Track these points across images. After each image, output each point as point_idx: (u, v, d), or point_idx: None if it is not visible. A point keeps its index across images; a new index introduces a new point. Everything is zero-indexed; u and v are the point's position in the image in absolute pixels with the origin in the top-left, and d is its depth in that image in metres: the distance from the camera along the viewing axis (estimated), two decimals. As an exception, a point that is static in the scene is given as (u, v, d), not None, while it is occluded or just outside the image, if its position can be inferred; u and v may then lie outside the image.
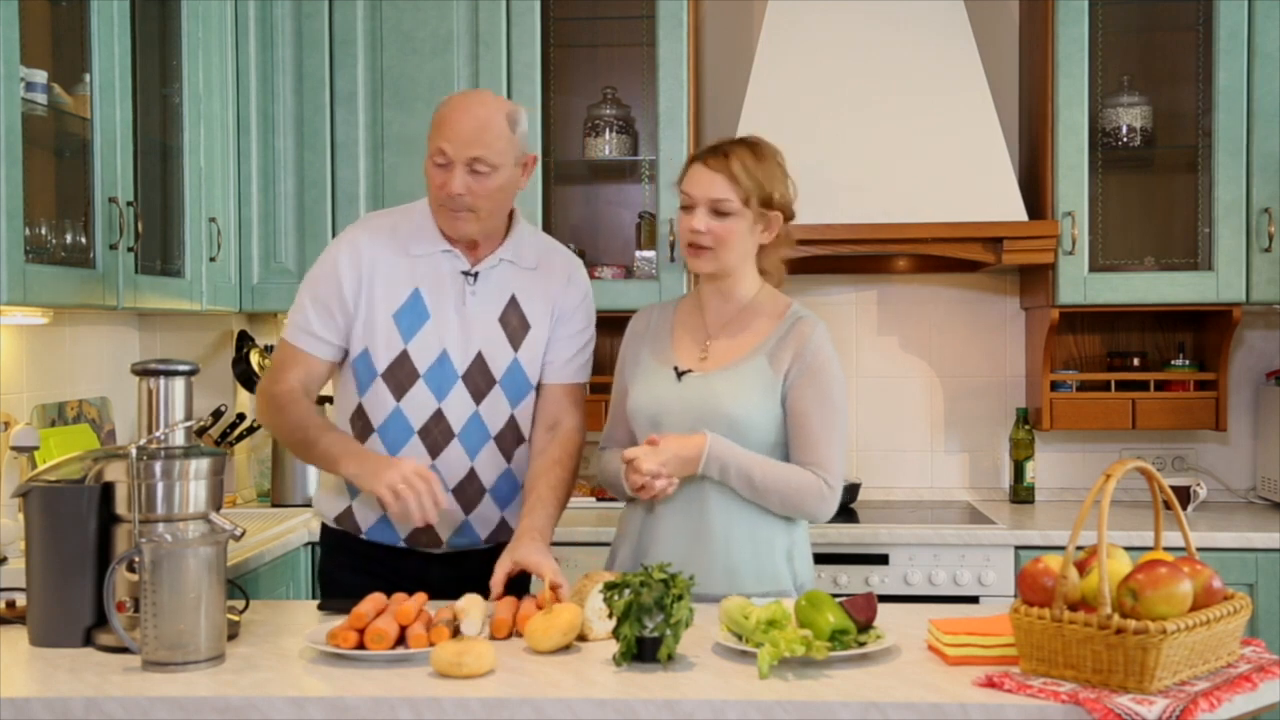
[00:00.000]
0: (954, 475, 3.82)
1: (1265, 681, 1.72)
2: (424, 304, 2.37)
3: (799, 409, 2.30)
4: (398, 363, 2.36)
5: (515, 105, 2.38)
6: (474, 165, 2.27)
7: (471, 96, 2.36)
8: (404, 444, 2.37)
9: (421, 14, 3.49)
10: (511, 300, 2.41)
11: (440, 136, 2.30)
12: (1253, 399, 3.73)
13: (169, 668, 1.82)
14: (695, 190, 2.32)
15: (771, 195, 2.32)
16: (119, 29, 2.70)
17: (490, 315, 2.39)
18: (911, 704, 1.65)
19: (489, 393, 2.39)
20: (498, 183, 2.31)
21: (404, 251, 2.38)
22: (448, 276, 2.39)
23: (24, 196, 2.35)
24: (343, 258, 2.37)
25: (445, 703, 1.69)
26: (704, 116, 3.77)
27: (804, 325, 2.35)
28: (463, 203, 2.29)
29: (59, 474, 2.02)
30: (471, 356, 2.37)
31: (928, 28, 3.49)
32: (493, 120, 2.29)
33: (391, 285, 2.37)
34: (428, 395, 2.37)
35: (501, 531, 2.46)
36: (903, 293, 3.83)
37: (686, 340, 2.42)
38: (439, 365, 2.36)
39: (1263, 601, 3.09)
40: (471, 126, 2.28)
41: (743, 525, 2.30)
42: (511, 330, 2.40)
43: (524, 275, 2.43)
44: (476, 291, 2.39)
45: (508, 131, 2.31)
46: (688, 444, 2.25)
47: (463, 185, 2.28)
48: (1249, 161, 3.36)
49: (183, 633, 1.82)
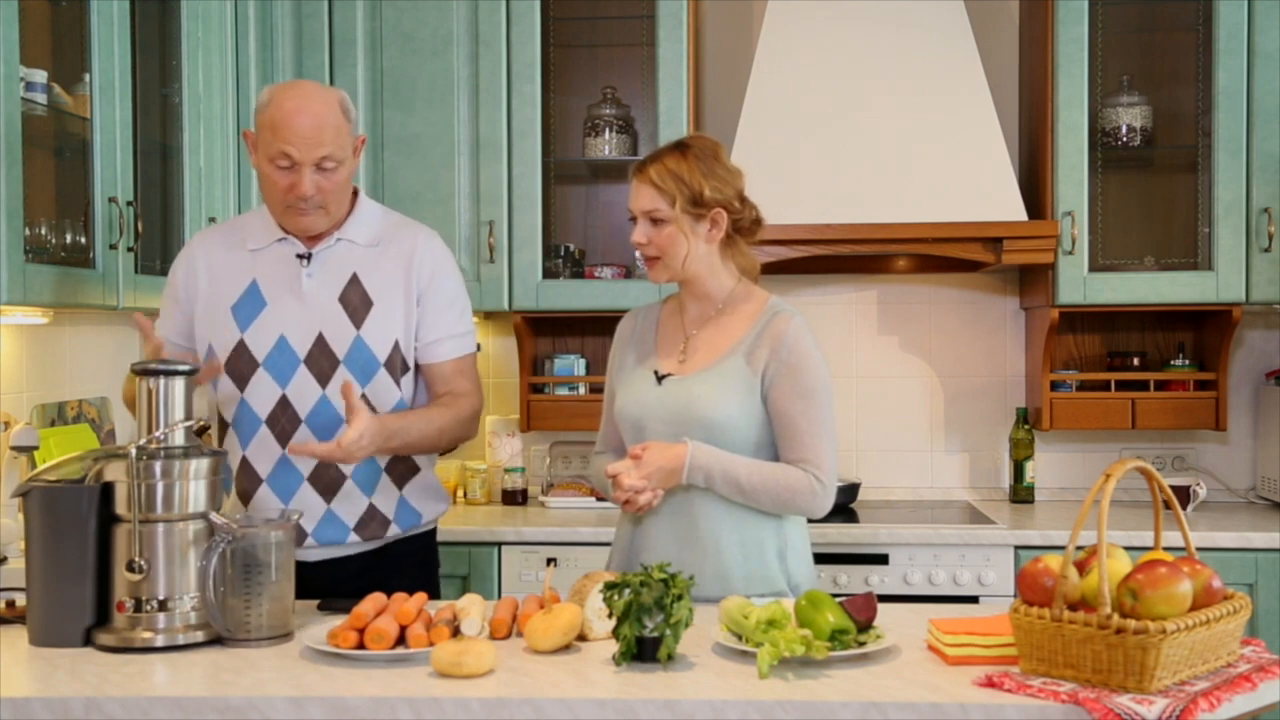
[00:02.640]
0: (954, 475, 3.82)
1: (1265, 681, 1.72)
2: (260, 293, 2.37)
3: (782, 407, 2.29)
4: (236, 353, 2.35)
5: (340, 91, 2.37)
6: (321, 164, 2.27)
7: (301, 93, 2.29)
8: (253, 436, 2.37)
9: (421, 14, 3.49)
10: (353, 278, 2.37)
11: (280, 140, 2.25)
12: (1253, 399, 3.73)
13: (274, 641, 1.98)
14: (632, 204, 2.37)
15: (701, 193, 2.30)
16: (119, 29, 2.69)
17: (329, 295, 2.36)
18: (911, 704, 1.65)
19: (334, 374, 2.34)
20: (344, 175, 2.32)
21: (240, 247, 2.40)
22: (283, 263, 2.38)
23: (24, 196, 2.35)
24: (177, 263, 2.46)
25: (445, 703, 1.69)
26: (704, 116, 3.77)
27: (779, 320, 2.33)
28: (314, 201, 2.29)
29: (59, 474, 2.02)
30: (312, 339, 2.34)
31: (928, 28, 3.49)
32: (330, 115, 2.28)
33: (229, 280, 2.38)
34: (270, 383, 2.35)
35: (373, 522, 2.40)
36: (903, 293, 3.83)
37: (667, 343, 2.42)
38: (278, 351, 2.34)
39: (1263, 601, 3.10)
40: (312, 126, 2.25)
41: (731, 528, 2.30)
42: (352, 309, 2.35)
43: (364, 252, 2.39)
44: (313, 273, 2.36)
45: (345, 122, 2.31)
46: (670, 454, 2.25)
47: (313, 185, 2.27)
48: (1249, 161, 3.36)
49: (286, 609, 2.01)
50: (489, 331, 3.85)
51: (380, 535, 2.41)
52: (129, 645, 1.93)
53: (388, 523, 2.42)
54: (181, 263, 2.45)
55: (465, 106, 3.50)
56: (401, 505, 2.45)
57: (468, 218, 3.50)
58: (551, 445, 3.81)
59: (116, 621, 1.96)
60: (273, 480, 2.37)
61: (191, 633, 1.96)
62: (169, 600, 1.96)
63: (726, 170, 2.35)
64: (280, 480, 2.37)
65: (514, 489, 3.68)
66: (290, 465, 2.36)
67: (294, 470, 2.36)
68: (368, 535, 2.40)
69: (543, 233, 3.52)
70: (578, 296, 3.54)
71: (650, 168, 2.33)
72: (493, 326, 3.84)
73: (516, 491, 3.68)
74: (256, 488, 2.38)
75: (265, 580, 1.97)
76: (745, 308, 2.38)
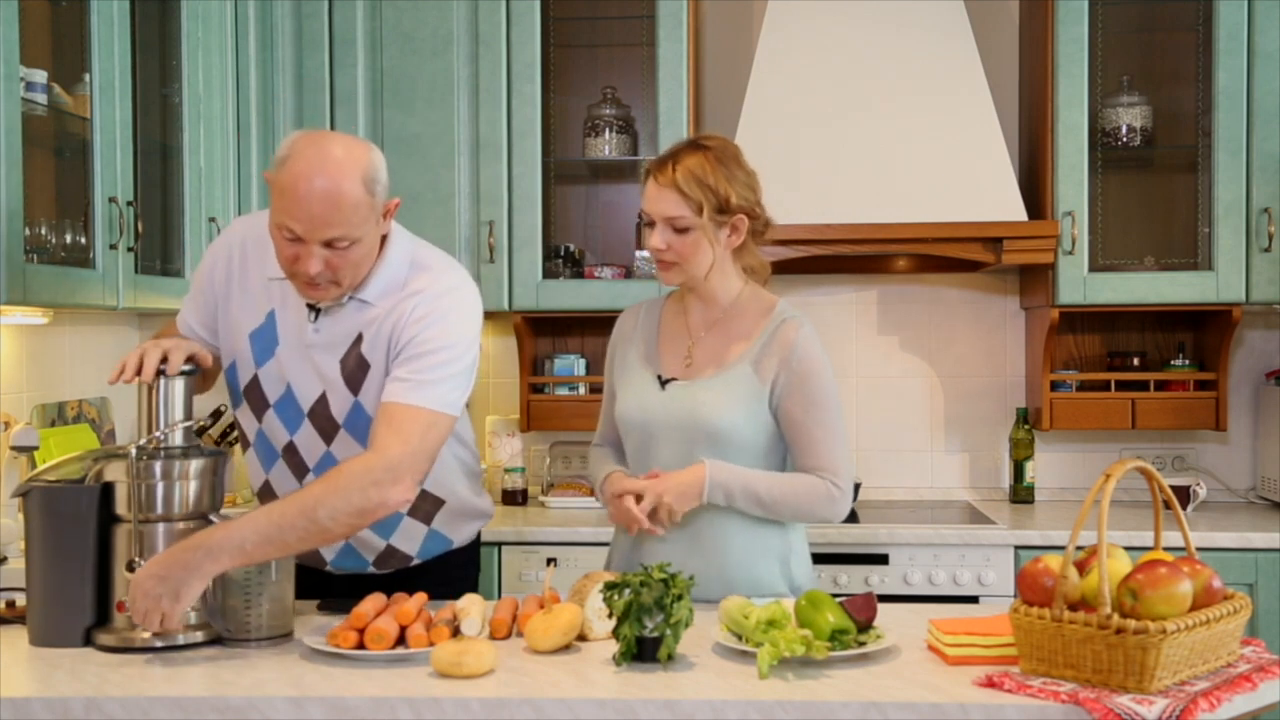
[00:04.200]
0: (954, 475, 3.82)
1: (1265, 681, 1.72)
2: (275, 331, 2.17)
3: (794, 417, 2.27)
4: (252, 385, 2.22)
5: (367, 154, 2.03)
6: (333, 244, 1.99)
7: (316, 162, 1.96)
8: (273, 465, 2.26)
9: (421, 14, 3.49)
10: (356, 340, 2.14)
11: (286, 214, 1.97)
12: (1253, 399, 3.73)
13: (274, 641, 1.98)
14: (651, 208, 2.26)
15: (727, 200, 2.23)
16: (119, 29, 2.69)
17: (332, 358, 2.15)
18: (911, 704, 1.65)
19: (336, 435, 2.19)
20: (361, 252, 2.04)
21: (269, 261, 2.15)
22: (298, 306, 2.16)
23: (24, 196, 2.35)
24: (216, 249, 2.24)
25: (445, 703, 1.69)
26: (704, 116, 3.77)
27: (788, 328, 2.29)
28: (323, 277, 2.03)
29: (59, 474, 2.02)
30: (315, 397, 2.17)
31: (928, 28, 3.49)
32: (346, 192, 1.96)
33: (251, 301, 2.19)
34: (279, 426, 2.22)
35: (393, 559, 2.32)
36: (903, 293, 3.83)
37: (671, 345, 2.37)
38: (286, 399, 2.19)
39: (1263, 601, 3.09)
40: (322, 207, 1.95)
41: (735, 533, 2.28)
42: (349, 373, 2.14)
43: (375, 311, 2.13)
44: (320, 329, 2.14)
45: (365, 197, 1.99)
46: (687, 477, 2.22)
47: (320, 264, 2.00)
48: (1249, 161, 3.36)
49: (286, 608, 2.00)
50: (489, 332, 3.85)
51: (405, 566, 2.34)
52: (129, 645, 1.94)
53: (409, 557, 2.33)
54: (221, 254, 2.23)
55: (465, 106, 3.50)
56: (430, 537, 2.34)
57: (468, 218, 3.50)
58: (551, 445, 3.81)
59: (116, 621, 1.96)
60: None
61: (191, 633, 1.96)
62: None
63: (747, 174, 2.29)
64: None
65: (514, 489, 3.68)
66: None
67: None
68: (389, 568, 2.34)
69: (543, 233, 3.52)
70: (578, 296, 3.54)
71: (675, 171, 2.22)
72: (493, 327, 3.84)
73: (516, 491, 3.68)
74: None
75: (265, 580, 1.97)
76: (752, 312, 2.34)
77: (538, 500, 3.72)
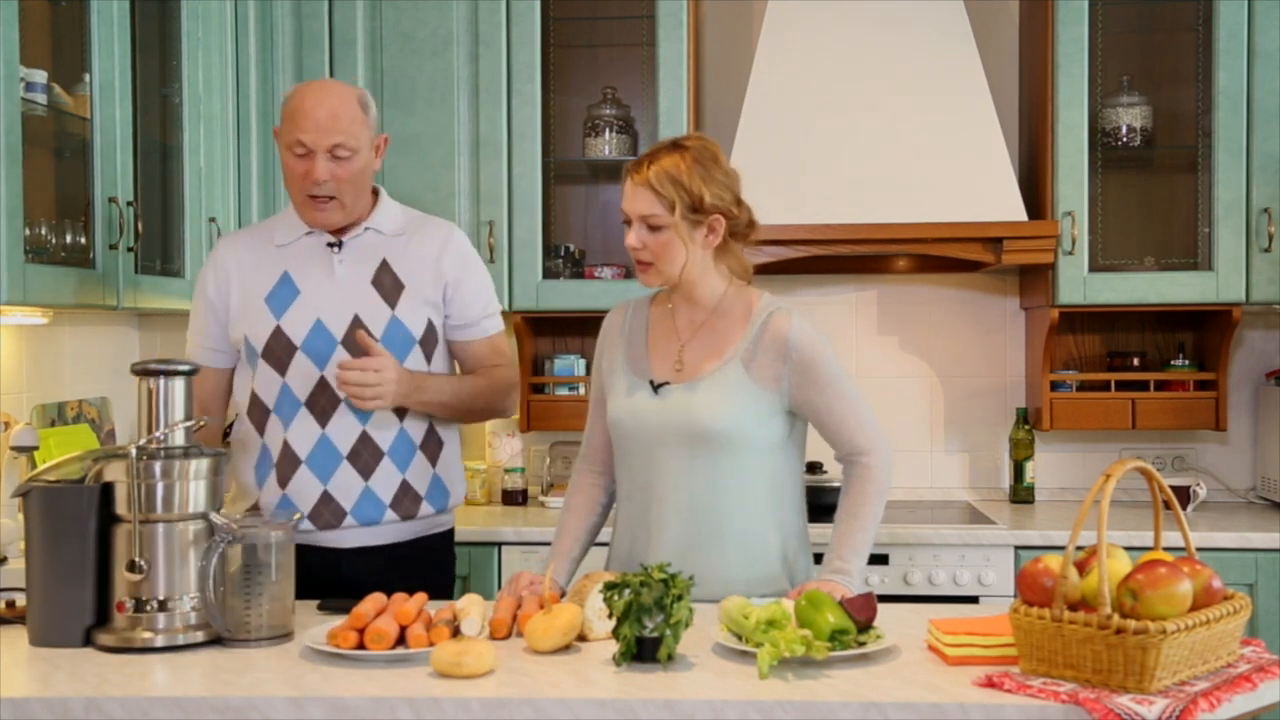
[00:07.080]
0: (954, 475, 3.82)
1: (1265, 681, 1.72)
2: (293, 282, 2.44)
3: (816, 406, 2.29)
4: (273, 339, 2.42)
5: (362, 90, 2.47)
6: (335, 151, 2.35)
7: (321, 86, 2.42)
8: (293, 417, 2.42)
9: (421, 14, 3.49)
10: (383, 264, 2.46)
11: (296, 129, 2.36)
12: (1253, 399, 3.73)
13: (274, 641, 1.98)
14: (626, 206, 2.27)
15: (701, 199, 2.22)
16: (119, 29, 2.69)
17: (362, 279, 2.44)
18: (911, 704, 1.65)
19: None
20: (358, 166, 2.39)
21: (267, 244, 2.48)
22: (314, 252, 2.46)
23: (24, 196, 2.35)
24: (205, 270, 2.53)
25: (445, 703, 1.69)
26: (704, 116, 3.77)
27: (777, 320, 2.29)
28: (327, 189, 2.37)
29: (59, 474, 2.02)
30: (348, 321, 2.41)
31: (928, 28, 3.49)
32: (346, 106, 2.37)
33: (259, 274, 2.46)
34: (309, 365, 2.41)
35: (406, 498, 2.47)
36: (903, 293, 3.83)
37: (660, 348, 2.36)
38: (315, 334, 2.41)
39: (1263, 601, 3.10)
40: (327, 115, 2.35)
41: (734, 531, 2.28)
42: (385, 290, 2.44)
43: (392, 241, 2.48)
44: (344, 259, 2.45)
45: (361, 115, 2.40)
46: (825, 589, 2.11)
47: (326, 171, 2.35)
48: (1249, 161, 3.36)
49: (286, 608, 2.02)
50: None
51: (413, 513, 2.48)
52: (129, 645, 1.94)
53: (419, 499, 2.48)
54: (210, 268, 2.51)
55: (465, 106, 3.50)
56: (434, 483, 2.51)
57: (468, 218, 3.49)
58: (551, 445, 3.81)
59: (116, 621, 1.96)
60: (312, 461, 2.41)
61: (191, 633, 1.96)
62: (169, 600, 1.96)
63: (725, 174, 2.28)
64: (319, 460, 2.41)
65: (514, 489, 3.69)
66: (330, 445, 2.41)
67: (333, 450, 2.41)
68: (403, 513, 2.46)
69: (543, 233, 3.52)
70: (578, 296, 3.54)
71: (648, 169, 2.23)
72: (493, 326, 3.84)
73: (516, 491, 3.68)
74: (295, 470, 2.41)
75: (265, 580, 1.98)
76: (738, 310, 2.33)
77: (538, 500, 3.72)
